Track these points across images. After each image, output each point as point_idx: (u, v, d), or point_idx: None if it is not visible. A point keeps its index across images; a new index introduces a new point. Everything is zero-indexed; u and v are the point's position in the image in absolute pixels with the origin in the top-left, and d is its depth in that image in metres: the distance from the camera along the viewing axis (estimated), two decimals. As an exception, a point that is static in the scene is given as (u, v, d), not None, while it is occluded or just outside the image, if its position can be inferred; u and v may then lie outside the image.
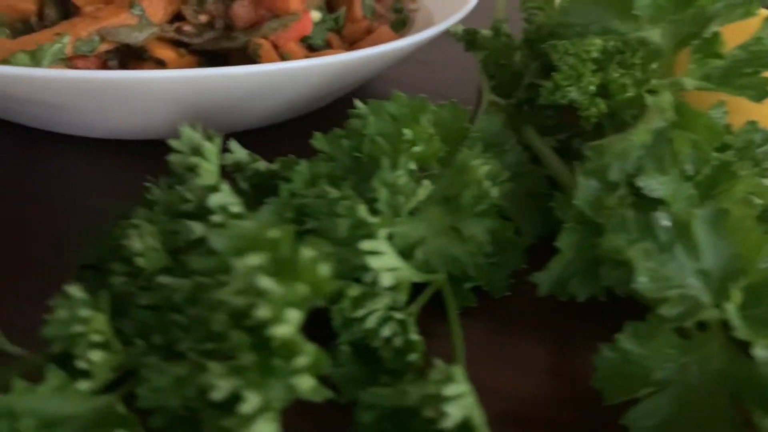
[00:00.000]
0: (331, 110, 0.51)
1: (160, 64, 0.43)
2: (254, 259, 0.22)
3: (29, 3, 0.42)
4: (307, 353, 0.22)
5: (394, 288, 0.28)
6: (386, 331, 0.28)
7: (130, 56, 0.43)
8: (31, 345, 0.28)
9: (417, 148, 0.31)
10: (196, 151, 0.30)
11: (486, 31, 0.50)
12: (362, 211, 0.28)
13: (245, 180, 0.33)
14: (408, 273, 0.29)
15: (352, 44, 0.50)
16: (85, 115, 0.39)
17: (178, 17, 0.45)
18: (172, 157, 0.30)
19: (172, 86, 0.35)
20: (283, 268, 0.23)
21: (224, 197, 0.28)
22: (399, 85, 0.58)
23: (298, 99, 0.43)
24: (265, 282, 0.22)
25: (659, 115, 0.28)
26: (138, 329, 0.27)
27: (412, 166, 0.31)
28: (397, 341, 0.28)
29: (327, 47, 0.48)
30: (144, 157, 0.43)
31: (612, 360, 0.26)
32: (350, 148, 0.33)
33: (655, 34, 0.28)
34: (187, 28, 0.44)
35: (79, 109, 0.38)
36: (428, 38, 0.43)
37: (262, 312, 0.22)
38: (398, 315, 0.28)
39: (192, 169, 0.30)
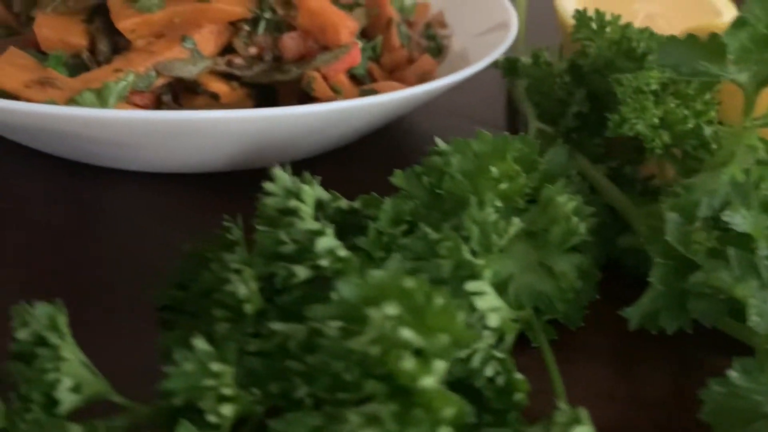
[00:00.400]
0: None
1: (214, 98, 0.42)
2: (392, 309, 0.23)
3: (80, 38, 0.42)
4: (452, 404, 0.22)
5: (497, 328, 0.29)
6: (489, 371, 0.28)
7: (182, 90, 0.43)
8: (130, 392, 0.28)
9: (503, 185, 0.32)
10: (291, 193, 0.30)
11: (526, 59, 0.51)
12: (466, 251, 0.28)
13: (326, 218, 0.34)
14: (507, 312, 0.29)
15: (391, 73, 0.50)
16: (148, 152, 0.39)
17: (225, 50, 0.45)
18: (268, 200, 0.30)
19: (245, 125, 0.35)
20: (419, 318, 0.23)
21: (330, 241, 0.28)
22: (428, 108, 0.58)
23: (353, 132, 0.43)
24: (407, 333, 0.22)
25: (750, 153, 0.29)
26: (248, 376, 0.27)
27: (498, 203, 0.32)
28: (500, 380, 0.28)
29: (369, 77, 0.48)
30: (198, 189, 0.43)
31: (721, 394, 0.26)
32: (430, 186, 0.33)
33: (742, 76, 0.29)
34: (237, 60, 0.44)
35: (144, 146, 0.38)
36: (481, 69, 0.44)
37: (407, 364, 0.22)
38: (499, 354, 0.29)
39: (288, 212, 0.30)
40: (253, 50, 0.44)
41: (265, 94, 0.45)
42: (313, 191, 0.30)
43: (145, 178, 0.43)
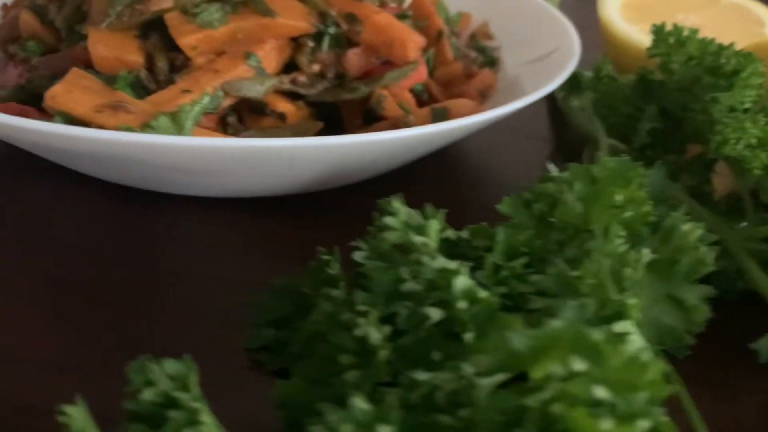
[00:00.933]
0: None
1: (281, 118, 0.40)
2: (579, 365, 0.21)
3: (137, 55, 0.39)
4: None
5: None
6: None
7: (246, 111, 0.40)
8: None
9: (627, 213, 0.30)
10: (412, 227, 0.28)
11: (587, 73, 0.49)
12: (612, 289, 0.26)
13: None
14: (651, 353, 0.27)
15: (446, 87, 0.48)
16: (224, 178, 0.36)
17: (285, 68, 0.42)
18: (387, 235, 0.28)
19: (332, 152, 0.33)
20: (607, 373, 0.21)
21: (467, 281, 0.26)
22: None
23: (415, 155, 0.41)
24: (600, 392, 0.20)
25: None
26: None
27: (622, 232, 0.30)
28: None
29: (426, 93, 0.46)
30: (265, 213, 0.41)
31: None
32: (540, 214, 0.31)
33: None
34: (302, 78, 0.41)
35: (226, 173, 0.35)
36: (555, 88, 0.42)
37: (606, 425, 0.20)
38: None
39: (409, 248, 0.28)
40: (316, 67, 0.42)
41: (326, 113, 0.43)
42: (439, 225, 0.28)
43: (206, 203, 0.41)
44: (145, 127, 0.33)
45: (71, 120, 0.34)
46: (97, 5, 0.40)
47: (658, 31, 0.42)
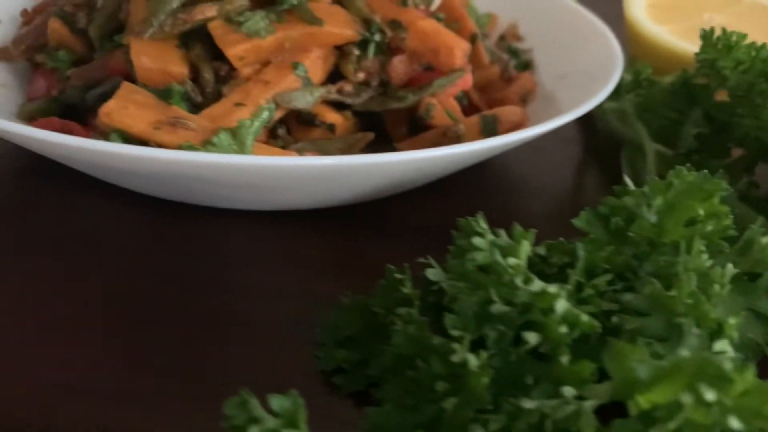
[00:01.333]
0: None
1: (330, 129, 0.39)
2: (710, 395, 0.20)
3: (181, 66, 0.38)
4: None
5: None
6: None
7: (295, 122, 0.39)
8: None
9: (709, 227, 0.30)
10: (500, 248, 0.27)
11: (626, 76, 0.49)
12: (711, 308, 0.26)
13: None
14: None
15: (483, 91, 0.48)
16: (284, 194, 0.35)
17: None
18: (475, 256, 0.27)
19: (408, 166, 0.33)
20: (741, 402, 0.21)
21: (566, 304, 0.26)
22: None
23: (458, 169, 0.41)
24: (735, 423, 0.20)
25: None
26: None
27: (703, 247, 0.30)
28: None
29: (466, 98, 0.46)
30: (314, 225, 0.40)
31: None
32: (616, 228, 0.31)
33: None
34: (348, 87, 0.40)
35: (288, 189, 0.34)
36: (602, 100, 0.41)
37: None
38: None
39: (496, 269, 0.27)
40: (361, 75, 0.41)
41: (369, 122, 0.42)
42: (529, 246, 0.27)
43: (248, 216, 0.40)
44: (207, 144, 0.32)
45: (127, 137, 0.33)
46: (136, 14, 0.39)
47: (707, 37, 0.42)
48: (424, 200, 0.44)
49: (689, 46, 0.52)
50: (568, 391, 0.25)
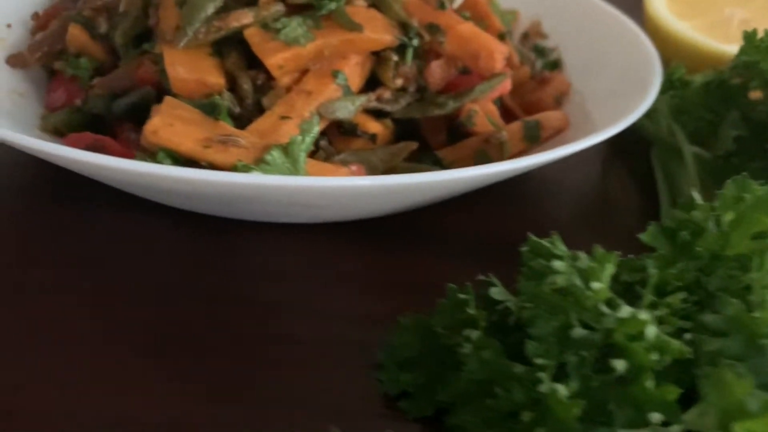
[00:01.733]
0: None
1: (372, 139, 0.38)
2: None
3: (218, 77, 0.36)
4: None
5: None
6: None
7: (336, 132, 0.38)
8: None
9: (779, 243, 0.29)
10: (581, 271, 0.27)
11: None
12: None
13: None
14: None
15: (513, 94, 0.47)
16: (328, 210, 0.34)
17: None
18: (557, 278, 0.26)
19: (466, 183, 0.32)
20: None
21: (656, 330, 0.25)
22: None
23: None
24: None
25: None
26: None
27: (773, 262, 0.29)
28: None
29: (499, 101, 0.45)
30: (341, 236, 0.38)
31: None
32: (684, 243, 0.30)
33: None
34: (386, 94, 0.39)
35: (335, 206, 0.33)
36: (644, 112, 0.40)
37: None
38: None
39: (575, 293, 0.26)
40: (399, 82, 0.40)
41: (405, 129, 0.41)
42: (613, 269, 0.26)
43: (291, 230, 0.38)
44: (260, 162, 0.31)
45: (176, 156, 0.32)
46: (168, 21, 0.37)
47: (750, 38, 0.41)
48: (454, 207, 0.43)
49: (720, 44, 0.52)
50: (655, 417, 0.25)
